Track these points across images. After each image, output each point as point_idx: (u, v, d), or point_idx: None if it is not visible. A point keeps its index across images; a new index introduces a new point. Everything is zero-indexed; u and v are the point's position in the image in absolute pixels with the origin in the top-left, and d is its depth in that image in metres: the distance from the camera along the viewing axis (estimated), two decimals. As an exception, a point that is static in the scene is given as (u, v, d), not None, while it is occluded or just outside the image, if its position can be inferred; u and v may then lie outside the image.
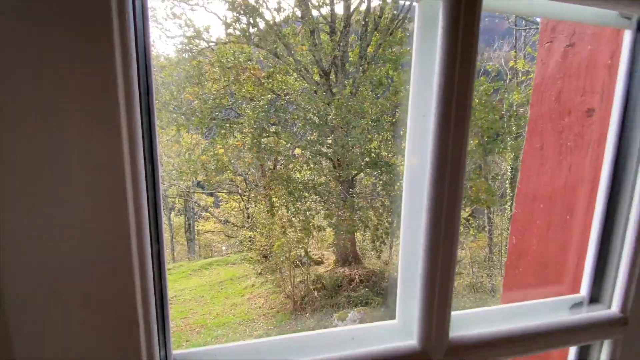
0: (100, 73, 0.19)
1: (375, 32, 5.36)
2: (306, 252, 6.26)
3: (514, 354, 0.28)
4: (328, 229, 6.19)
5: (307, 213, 6.09)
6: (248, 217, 6.62)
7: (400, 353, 0.26)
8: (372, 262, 6.14)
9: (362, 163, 5.43)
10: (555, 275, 0.31)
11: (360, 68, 5.78)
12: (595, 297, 0.29)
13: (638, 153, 0.27)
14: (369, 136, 5.52)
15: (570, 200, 0.32)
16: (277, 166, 5.91)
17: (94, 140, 0.20)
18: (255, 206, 6.12)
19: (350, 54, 5.74)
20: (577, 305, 0.29)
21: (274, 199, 5.95)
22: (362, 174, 6.13)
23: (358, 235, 6.39)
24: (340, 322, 4.22)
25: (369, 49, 5.45)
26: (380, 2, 5.59)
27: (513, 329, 0.29)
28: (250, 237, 6.18)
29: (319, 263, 6.47)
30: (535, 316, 0.29)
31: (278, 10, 5.01)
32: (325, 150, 5.93)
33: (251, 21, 4.96)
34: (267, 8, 5.07)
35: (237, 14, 4.85)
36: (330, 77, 6.04)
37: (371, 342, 0.26)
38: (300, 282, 5.75)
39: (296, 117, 6.04)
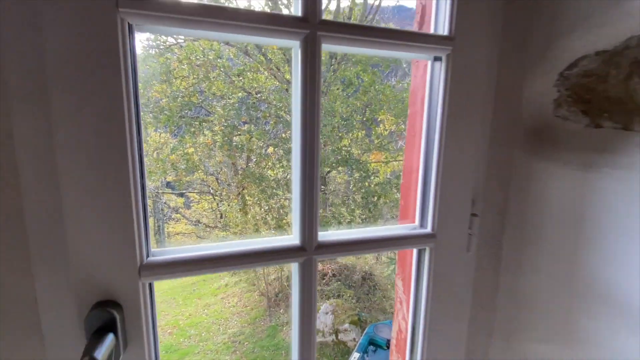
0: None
1: (345, 33, 5.51)
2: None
3: (362, 250, 0.47)
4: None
5: (281, 210, 6.17)
6: (221, 217, 6.59)
7: (287, 247, 0.44)
8: (344, 257, 6.32)
9: (334, 161, 5.59)
10: (411, 214, 0.49)
11: (331, 68, 5.93)
12: (422, 224, 0.47)
13: (438, 144, 0.43)
14: (340, 134, 5.69)
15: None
16: (250, 164, 5.93)
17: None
18: (228, 205, 6.11)
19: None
20: (412, 228, 0.51)
21: (247, 197, 5.99)
22: (334, 171, 6.29)
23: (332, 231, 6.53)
24: (313, 315, 4.32)
25: (339, 50, 5.60)
26: (350, 3, 5.77)
27: (363, 237, 0.49)
28: (223, 237, 6.18)
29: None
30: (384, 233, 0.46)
31: (248, 8, 5.03)
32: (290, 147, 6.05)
33: (220, 19, 4.94)
34: (237, 6, 5.09)
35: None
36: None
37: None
38: (274, 279, 5.84)
39: (268, 115, 6.08)
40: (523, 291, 0.54)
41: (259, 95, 5.98)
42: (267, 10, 4.86)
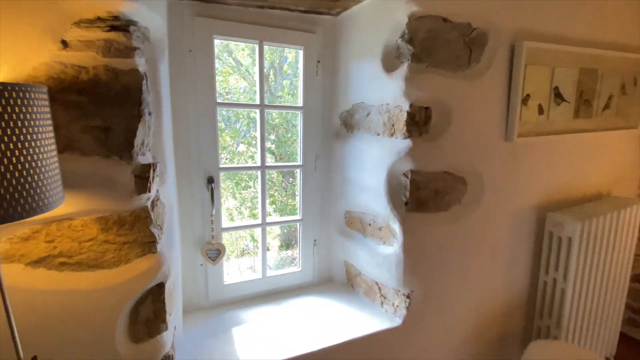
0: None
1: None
2: (253, 238, 7.22)
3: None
4: (273, 214, 7.26)
5: (254, 201, 7.09)
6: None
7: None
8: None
9: (299, 155, 6.57)
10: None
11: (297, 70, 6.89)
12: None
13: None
14: (304, 132, 6.68)
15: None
16: (224, 160, 6.80)
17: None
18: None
19: (289, 55, 6.80)
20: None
21: (222, 189, 6.83)
22: (299, 164, 7.27)
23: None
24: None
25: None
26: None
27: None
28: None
29: (267, 249, 7.48)
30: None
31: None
32: (268, 146, 6.97)
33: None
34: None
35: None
36: (270, 78, 7.08)
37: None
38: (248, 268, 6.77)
39: (240, 115, 6.98)
40: (334, 187, 1.58)
41: (229, 96, 6.84)
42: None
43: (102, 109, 0.83)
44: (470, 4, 1.25)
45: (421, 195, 1.31)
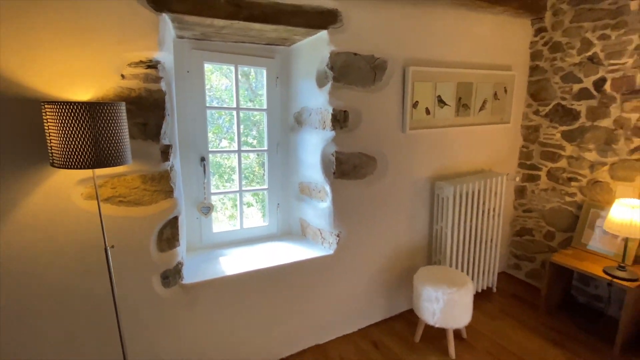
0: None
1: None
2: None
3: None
4: (254, 205, 7.92)
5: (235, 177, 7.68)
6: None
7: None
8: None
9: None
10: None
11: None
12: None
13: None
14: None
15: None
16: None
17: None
18: (191, 187, 7.45)
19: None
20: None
21: (206, 180, 7.38)
22: (278, 157, 7.90)
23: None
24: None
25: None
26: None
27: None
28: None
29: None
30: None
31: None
32: (250, 141, 7.58)
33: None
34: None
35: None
36: (252, 76, 7.65)
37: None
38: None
39: (222, 112, 7.54)
40: (291, 165, 2.24)
41: (211, 94, 7.39)
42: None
43: (143, 113, 1.47)
44: (372, 44, 1.94)
45: (344, 168, 2.00)
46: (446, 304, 1.87)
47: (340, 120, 1.93)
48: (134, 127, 1.46)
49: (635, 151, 2.12)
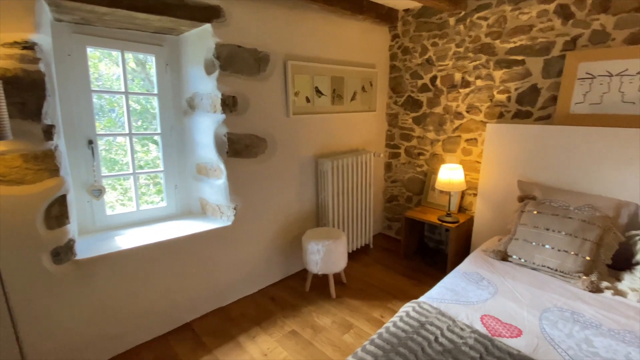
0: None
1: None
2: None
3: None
4: (152, 188, 7.52)
5: (141, 190, 7.16)
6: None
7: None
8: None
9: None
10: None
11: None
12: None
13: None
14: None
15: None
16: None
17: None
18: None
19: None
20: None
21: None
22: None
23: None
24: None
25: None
26: None
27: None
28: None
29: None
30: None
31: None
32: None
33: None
34: None
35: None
36: (147, 65, 7.14)
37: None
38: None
39: (114, 104, 6.90)
40: (187, 148, 2.41)
41: (99, 83, 6.68)
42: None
43: (20, 92, 1.50)
44: (255, 39, 2.24)
45: (236, 148, 2.28)
46: (325, 254, 2.33)
47: (229, 104, 2.20)
48: (11, 107, 1.48)
49: (456, 130, 2.91)
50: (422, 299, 1.67)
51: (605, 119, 2.09)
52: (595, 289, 1.70)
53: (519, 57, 2.45)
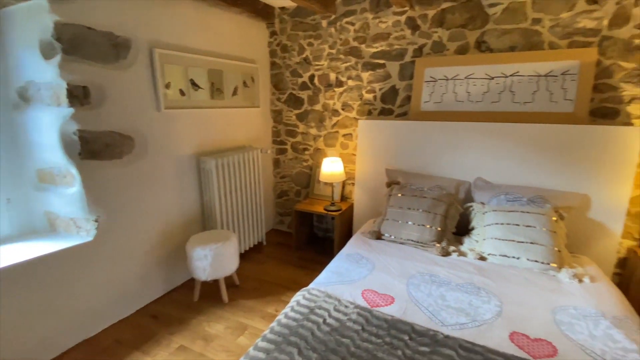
0: None
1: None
2: None
3: None
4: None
5: None
6: None
7: None
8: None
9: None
10: None
11: None
12: None
13: None
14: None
15: None
16: None
17: None
18: None
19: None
20: None
21: None
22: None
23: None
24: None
25: None
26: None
27: None
28: None
29: None
30: None
31: None
32: None
33: None
34: None
35: None
36: None
37: None
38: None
39: None
40: (21, 151, 1.92)
41: None
42: None
43: None
44: (111, 21, 1.93)
45: (93, 148, 1.93)
46: (214, 258, 2.21)
47: (79, 96, 1.84)
48: None
49: (334, 126, 3.14)
50: (311, 285, 1.75)
51: (445, 115, 2.58)
52: (445, 253, 2.09)
53: (381, 61, 2.80)
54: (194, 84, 2.49)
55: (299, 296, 1.62)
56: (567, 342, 1.34)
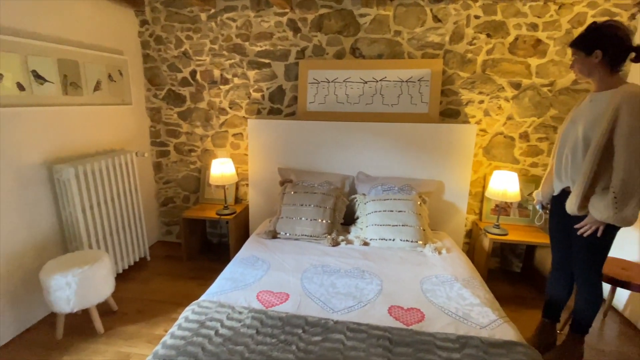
0: None
1: None
2: None
3: None
4: None
5: None
6: None
7: None
8: None
9: None
10: None
11: None
12: None
13: None
14: None
15: None
16: None
17: None
18: None
19: None
20: None
21: None
22: None
23: None
24: None
25: None
26: None
27: None
28: None
29: None
30: None
31: None
32: None
33: None
34: None
35: None
36: None
37: None
38: None
39: None
40: None
41: None
42: None
43: None
44: None
45: None
46: (79, 285, 1.87)
47: None
48: None
49: (223, 125, 3.02)
50: (202, 297, 1.65)
51: (329, 115, 2.76)
52: (335, 243, 2.25)
53: (266, 60, 2.81)
54: (38, 77, 2.04)
55: (187, 311, 1.51)
56: (431, 306, 1.61)
